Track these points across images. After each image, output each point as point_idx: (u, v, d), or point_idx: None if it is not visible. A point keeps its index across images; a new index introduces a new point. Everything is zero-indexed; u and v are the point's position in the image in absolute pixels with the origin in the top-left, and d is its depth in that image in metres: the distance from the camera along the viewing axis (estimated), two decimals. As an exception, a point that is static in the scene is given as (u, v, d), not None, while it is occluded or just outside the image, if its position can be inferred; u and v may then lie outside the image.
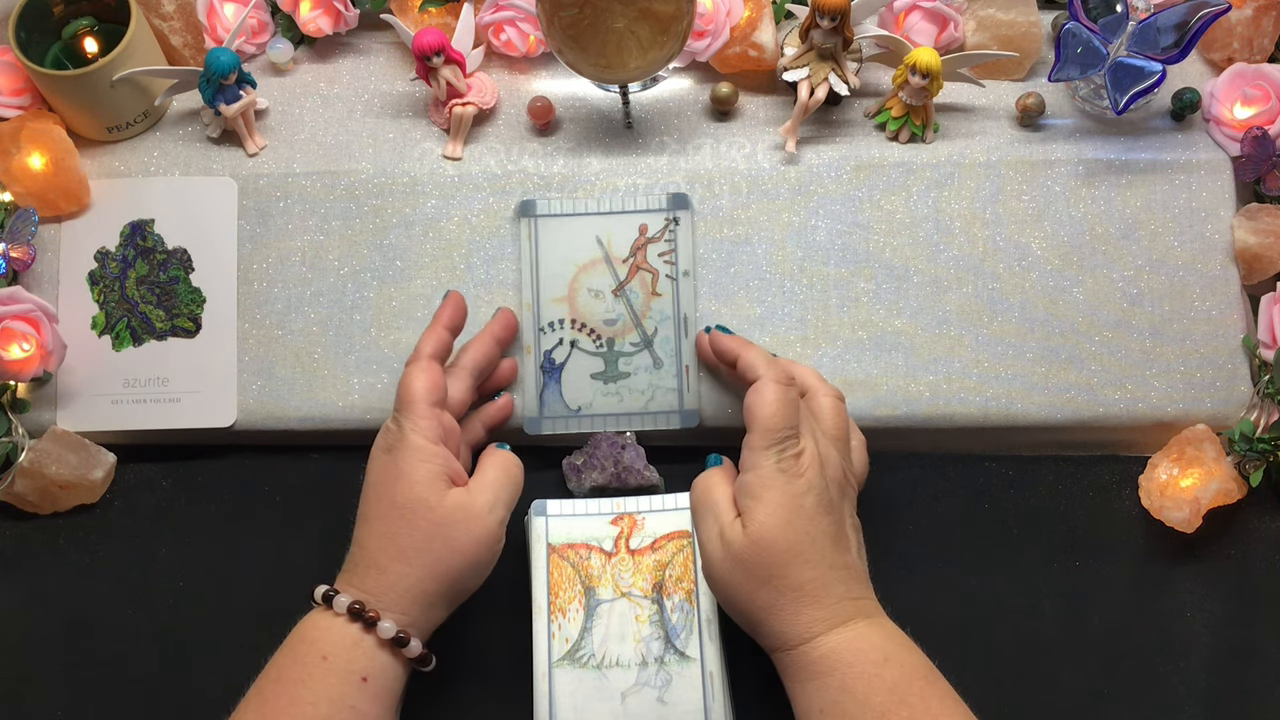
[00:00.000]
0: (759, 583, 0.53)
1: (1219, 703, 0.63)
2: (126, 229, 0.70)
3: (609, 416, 0.67)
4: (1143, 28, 0.65)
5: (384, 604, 0.54)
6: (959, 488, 0.68)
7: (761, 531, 0.52)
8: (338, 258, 0.70)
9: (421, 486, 0.55)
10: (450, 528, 0.55)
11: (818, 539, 0.53)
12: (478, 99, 0.70)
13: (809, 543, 0.53)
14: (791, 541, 0.52)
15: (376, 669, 0.53)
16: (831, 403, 0.60)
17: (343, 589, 0.55)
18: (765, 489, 0.53)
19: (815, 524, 0.53)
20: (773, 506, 0.53)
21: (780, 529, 0.52)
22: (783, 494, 0.53)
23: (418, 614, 0.55)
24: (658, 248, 0.68)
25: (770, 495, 0.53)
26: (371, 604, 0.54)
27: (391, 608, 0.54)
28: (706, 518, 0.55)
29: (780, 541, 0.52)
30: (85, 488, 0.68)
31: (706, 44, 0.69)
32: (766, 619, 0.53)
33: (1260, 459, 0.65)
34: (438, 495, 0.55)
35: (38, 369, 0.66)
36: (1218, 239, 0.69)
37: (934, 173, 0.70)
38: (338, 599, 0.54)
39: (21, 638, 0.66)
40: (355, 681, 0.53)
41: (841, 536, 0.54)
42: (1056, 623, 0.65)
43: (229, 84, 0.68)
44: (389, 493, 0.56)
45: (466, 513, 0.55)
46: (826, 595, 0.52)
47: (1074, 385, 0.68)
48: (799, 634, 0.52)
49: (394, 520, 0.55)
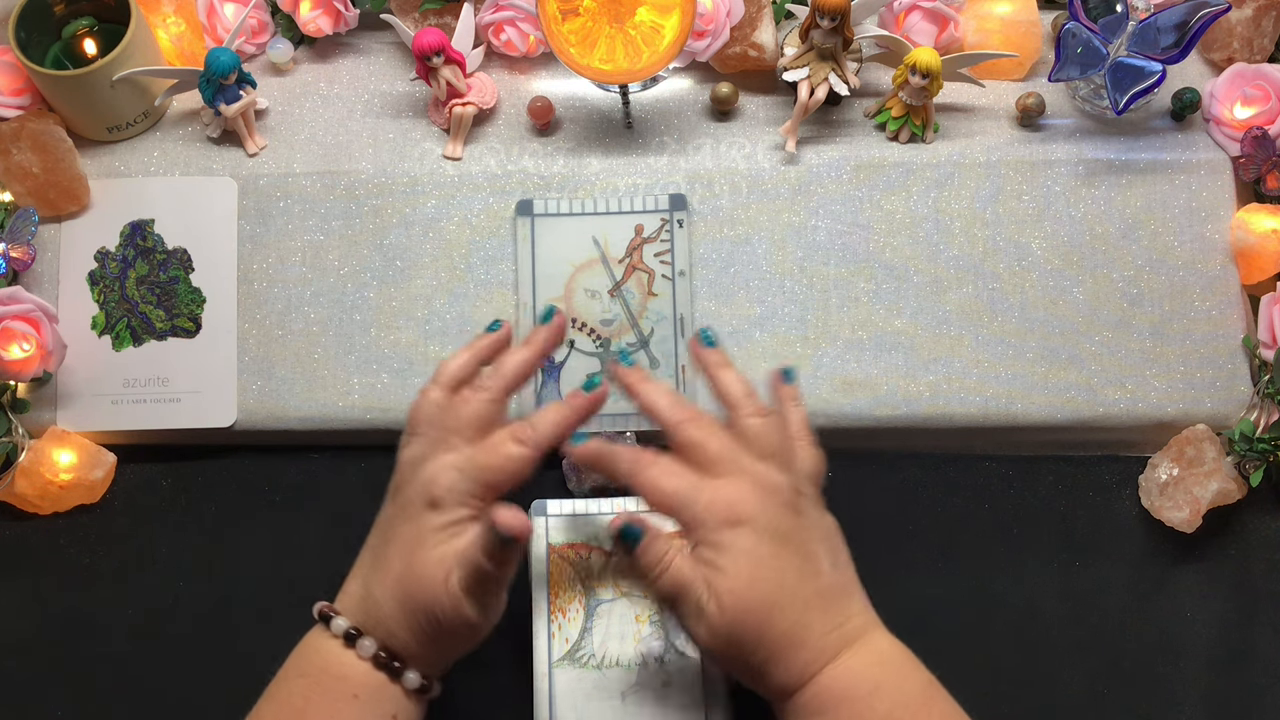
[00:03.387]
0: (751, 646, 0.51)
1: (1219, 703, 0.63)
2: (126, 229, 0.70)
3: (606, 416, 0.67)
4: (1143, 28, 0.65)
5: (401, 651, 0.54)
6: (959, 488, 0.68)
7: (732, 600, 0.51)
8: (338, 258, 0.70)
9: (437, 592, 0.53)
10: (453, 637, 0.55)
11: (786, 581, 0.52)
12: (478, 99, 0.70)
13: (778, 589, 0.51)
14: (763, 596, 0.51)
15: (404, 710, 0.54)
16: (757, 423, 0.55)
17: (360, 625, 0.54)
18: (718, 557, 0.52)
19: (778, 566, 0.52)
20: (731, 572, 0.51)
21: (747, 590, 0.51)
22: (734, 556, 0.51)
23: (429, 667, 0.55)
24: (654, 248, 0.69)
25: (724, 561, 0.52)
26: (391, 648, 0.54)
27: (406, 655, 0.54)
28: (681, 604, 0.53)
29: (753, 602, 0.51)
30: (85, 488, 0.68)
31: (706, 44, 0.69)
32: (765, 676, 0.52)
33: (1260, 459, 0.65)
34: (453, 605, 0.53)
35: (38, 369, 0.66)
36: (1218, 239, 0.69)
37: (934, 173, 0.70)
38: (362, 643, 0.53)
39: (22, 638, 0.66)
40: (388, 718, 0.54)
41: (808, 562, 0.53)
42: (1056, 623, 0.65)
43: (229, 84, 0.68)
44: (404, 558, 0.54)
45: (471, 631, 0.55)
46: (809, 635, 0.51)
47: (1074, 385, 0.68)
48: (796, 679, 0.52)
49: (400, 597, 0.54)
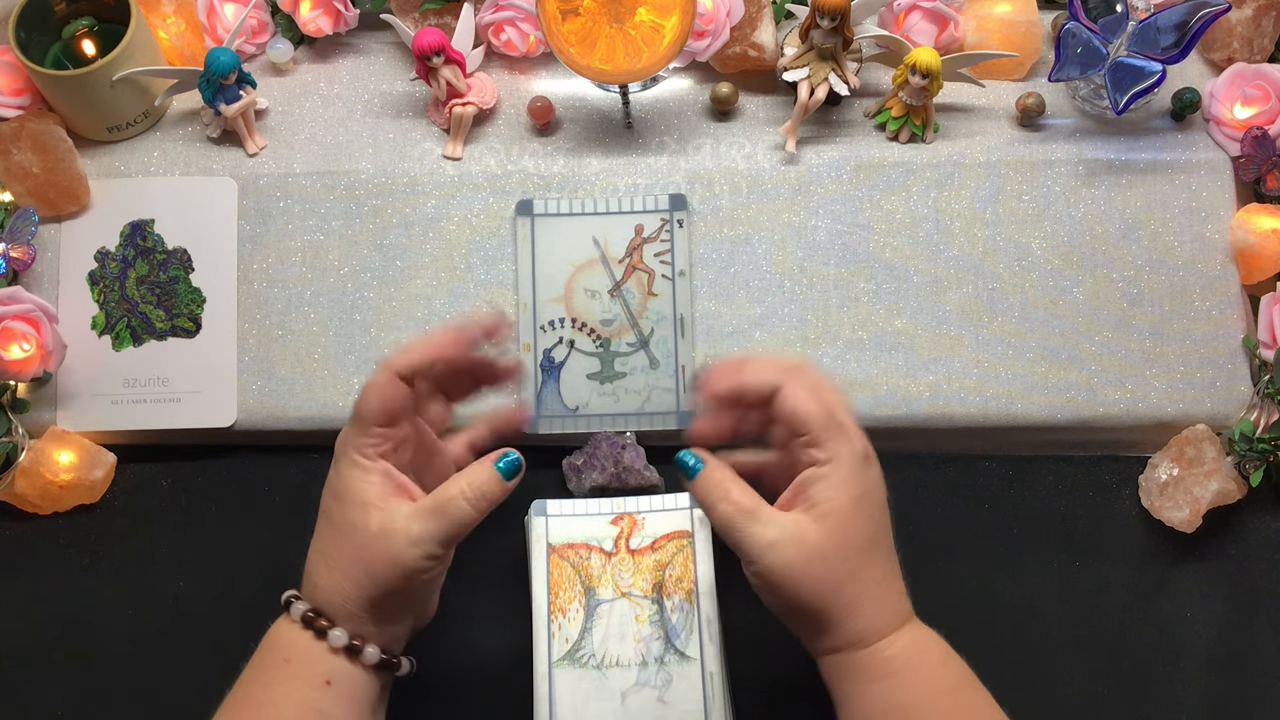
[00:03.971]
0: (842, 579, 0.49)
1: (1219, 703, 0.63)
2: (126, 229, 0.70)
3: (606, 416, 0.67)
4: (1143, 28, 0.65)
5: (334, 612, 0.52)
6: (959, 488, 0.68)
7: (841, 520, 0.49)
8: (338, 258, 0.70)
9: (352, 508, 0.52)
10: (370, 553, 0.51)
11: (886, 522, 0.51)
12: (478, 99, 0.70)
13: (881, 529, 0.50)
14: (867, 525, 0.50)
15: (339, 673, 0.52)
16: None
17: (303, 594, 0.54)
18: (833, 472, 0.50)
19: (882, 503, 0.51)
20: (844, 492, 0.49)
21: (854, 513, 0.49)
22: (848, 473, 0.50)
23: (365, 626, 0.52)
24: (654, 248, 0.69)
25: (838, 477, 0.50)
26: (325, 611, 0.52)
27: (340, 617, 0.52)
28: (750, 524, 0.50)
29: (859, 527, 0.49)
30: (85, 488, 0.68)
31: (706, 44, 0.69)
32: (846, 618, 0.49)
33: (1260, 459, 0.65)
34: (363, 516, 0.51)
35: (38, 369, 0.66)
36: (1218, 239, 0.69)
37: (934, 173, 0.70)
38: (295, 606, 0.52)
39: (21, 638, 0.66)
40: (319, 685, 0.51)
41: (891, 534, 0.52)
42: (1056, 623, 0.65)
43: (229, 84, 0.68)
44: (326, 505, 0.53)
45: (388, 541, 0.51)
46: (894, 586, 0.50)
47: (1074, 385, 0.68)
48: (877, 629, 0.50)
49: (327, 535, 0.53)
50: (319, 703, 0.51)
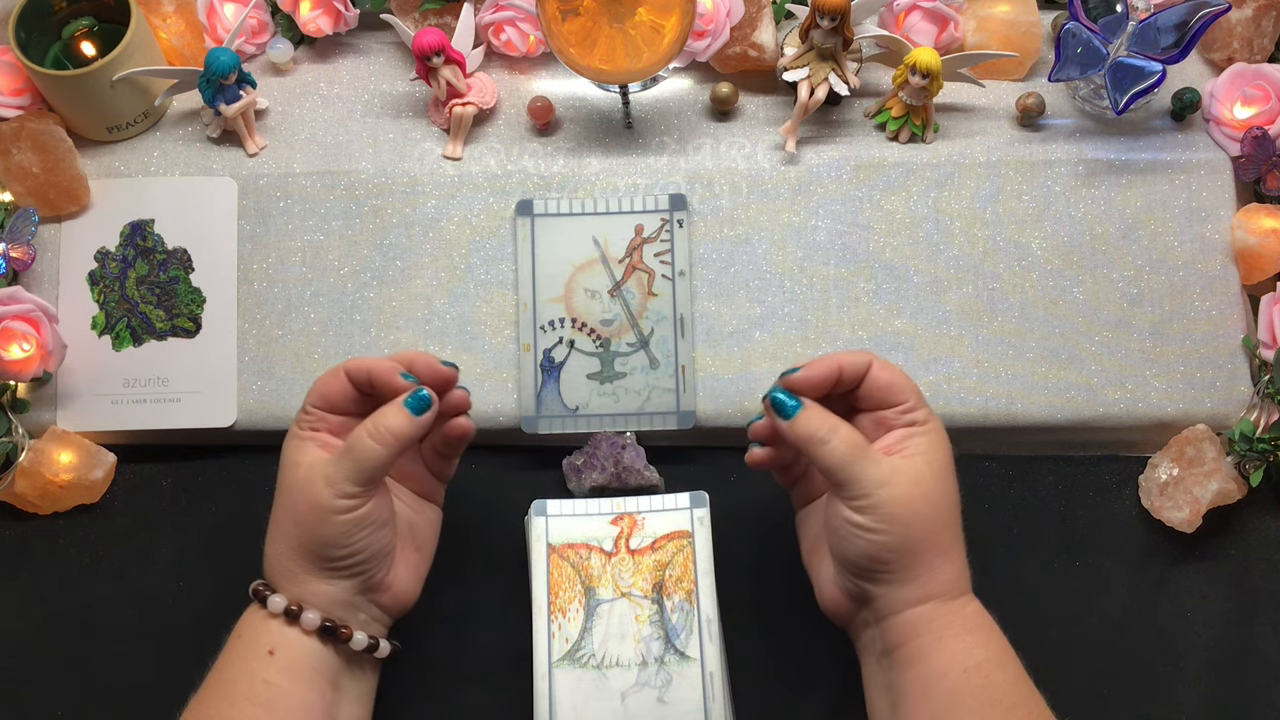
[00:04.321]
0: (946, 522, 0.52)
1: (1219, 703, 0.63)
2: (126, 229, 0.70)
3: (606, 416, 0.67)
4: (1143, 28, 0.65)
5: (277, 576, 0.54)
6: (959, 488, 0.68)
7: (943, 470, 0.52)
8: (338, 258, 0.70)
9: (286, 470, 0.55)
10: (295, 502, 0.54)
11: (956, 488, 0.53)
12: (478, 99, 0.70)
13: (955, 493, 0.53)
14: (954, 484, 0.53)
15: (280, 642, 0.53)
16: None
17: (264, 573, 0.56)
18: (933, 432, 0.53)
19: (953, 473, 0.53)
20: (943, 450, 0.53)
21: (949, 469, 0.53)
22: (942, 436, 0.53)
23: (305, 586, 0.54)
24: (654, 248, 0.69)
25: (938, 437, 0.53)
26: (271, 580, 0.55)
27: (284, 580, 0.54)
28: (864, 459, 0.51)
29: (952, 484, 0.53)
30: (85, 488, 0.68)
31: (706, 44, 0.69)
32: (945, 562, 0.52)
33: (1260, 459, 0.65)
34: (293, 474, 0.54)
35: (38, 369, 0.66)
36: (1218, 239, 0.69)
37: (934, 173, 0.70)
38: (253, 585, 0.55)
39: (22, 638, 0.66)
40: (262, 654, 0.53)
41: None
42: (1056, 623, 0.65)
43: (229, 84, 0.68)
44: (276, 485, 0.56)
45: (309, 488, 0.53)
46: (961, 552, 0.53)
47: (1074, 385, 0.68)
48: (962, 584, 0.53)
49: (274, 508, 0.55)
50: (263, 673, 0.53)
